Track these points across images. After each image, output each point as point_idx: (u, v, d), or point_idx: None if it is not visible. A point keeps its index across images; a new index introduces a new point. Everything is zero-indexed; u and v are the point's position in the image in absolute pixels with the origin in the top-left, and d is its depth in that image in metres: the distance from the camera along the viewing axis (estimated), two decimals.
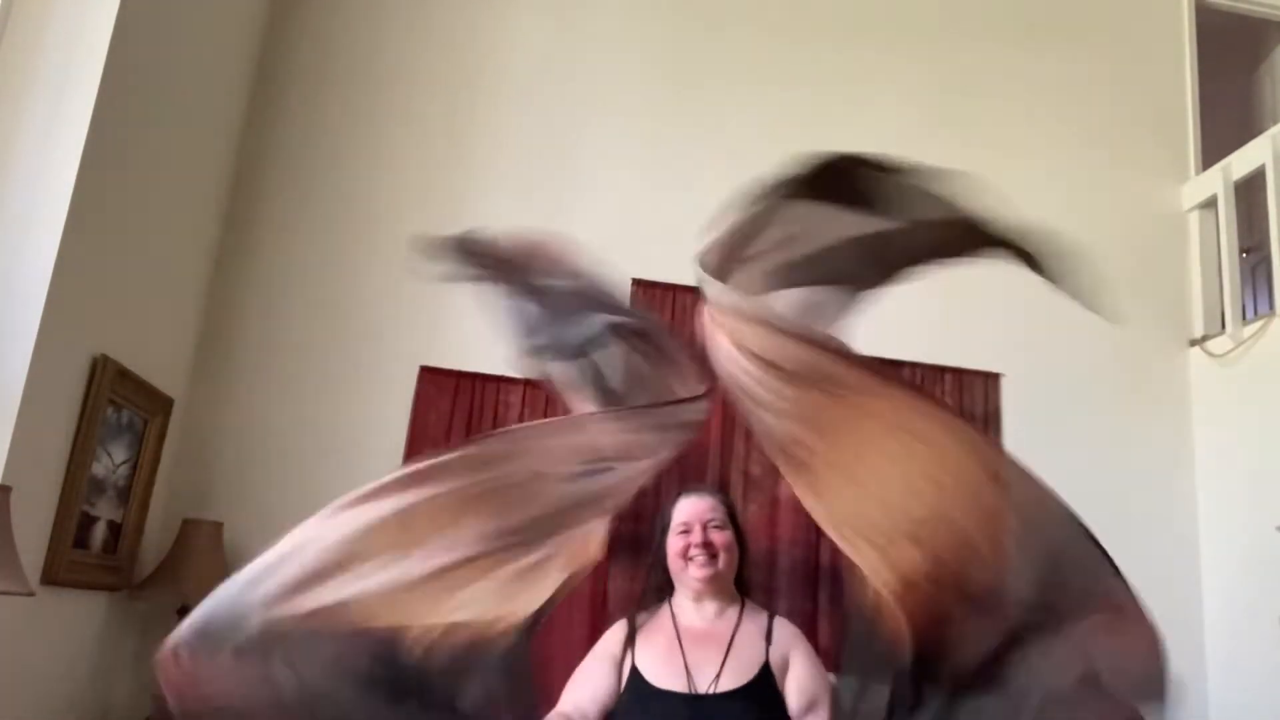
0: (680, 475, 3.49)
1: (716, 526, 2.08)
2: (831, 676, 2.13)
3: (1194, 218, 4.10)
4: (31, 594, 2.11)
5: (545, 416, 3.49)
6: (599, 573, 3.31)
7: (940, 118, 4.07)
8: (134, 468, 3.01)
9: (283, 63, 3.77)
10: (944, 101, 4.10)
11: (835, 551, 3.46)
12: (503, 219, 3.72)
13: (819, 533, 3.53)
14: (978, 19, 4.23)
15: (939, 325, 3.83)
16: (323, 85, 3.77)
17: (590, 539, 1.53)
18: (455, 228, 3.66)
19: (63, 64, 2.60)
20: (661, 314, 3.66)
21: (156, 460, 3.12)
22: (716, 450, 3.54)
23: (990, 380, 3.79)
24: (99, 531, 2.85)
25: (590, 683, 2.01)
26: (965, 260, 1.53)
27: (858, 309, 1.60)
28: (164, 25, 2.94)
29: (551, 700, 2.09)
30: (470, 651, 1.38)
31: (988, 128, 4.09)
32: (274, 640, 1.30)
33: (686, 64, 4.00)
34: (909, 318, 3.81)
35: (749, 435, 3.57)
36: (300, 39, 3.80)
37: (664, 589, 2.17)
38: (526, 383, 3.54)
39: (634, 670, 2.00)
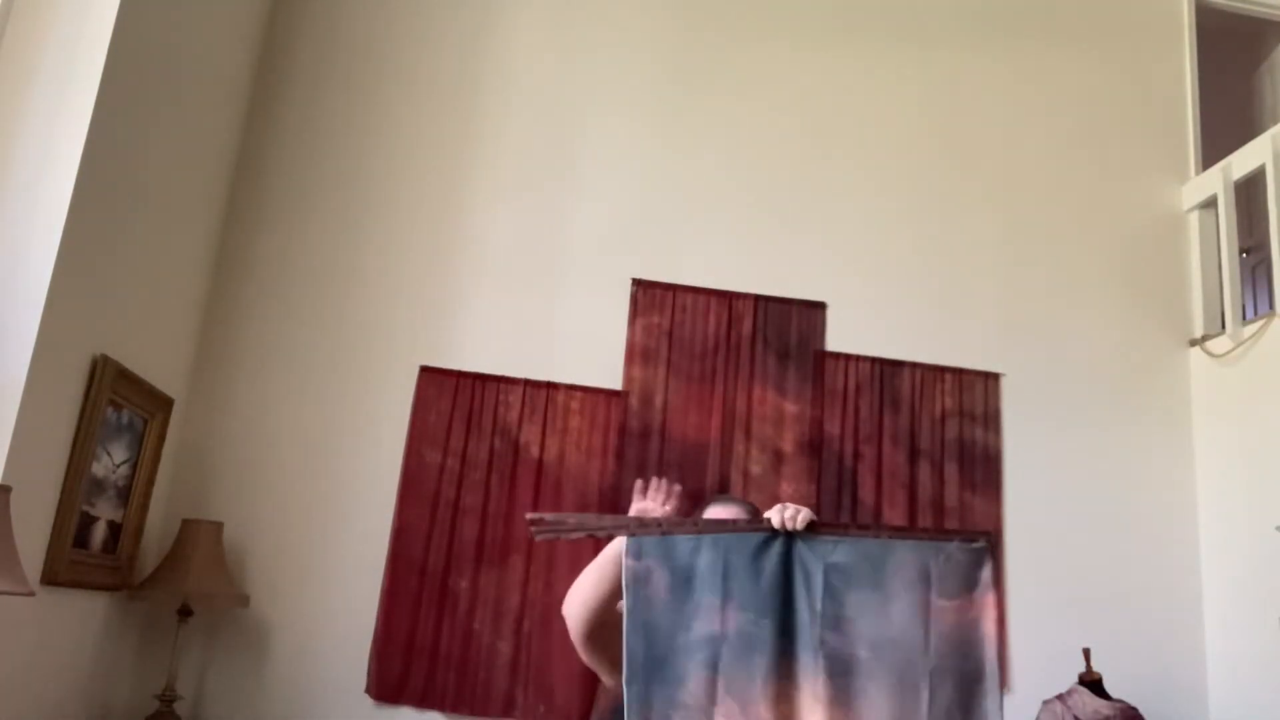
0: (680, 477, 3.50)
1: None
2: None
3: (1194, 218, 4.10)
4: (31, 594, 2.10)
5: (545, 417, 3.51)
6: None
7: (940, 119, 4.08)
8: (134, 468, 3.01)
9: (283, 63, 3.77)
10: (944, 102, 4.10)
11: None
12: (503, 219, 3.76)
13: None
14: (978, 20, 4.23)
15: (939, 325, 3.83)
16: (323, 85, 3.77)
17: None
18: (455, 227, 3.71)
19: (63, 63, 2.60)
20: (661, 314, 3.67)
21: (156, 460, 3.12)
22: (716, 450, 3.54)
23: (990, 380, 3.79)
24: (99, 531, 2.85)
25: None
26: None
27: None
28: (164, 25, 2.94)
29: None
30: None
31: (988, 128, 4.10)
32: None
33: (686, 65, 4.00)
34: (909, 318, 3.83)
35: (749, 435, 3.58)
36: (301, 39, 3.80)
37: None
38: (526, 382, 3.54)
39: None
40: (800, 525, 1.66)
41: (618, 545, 1.72)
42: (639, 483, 1.72)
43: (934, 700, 1.59)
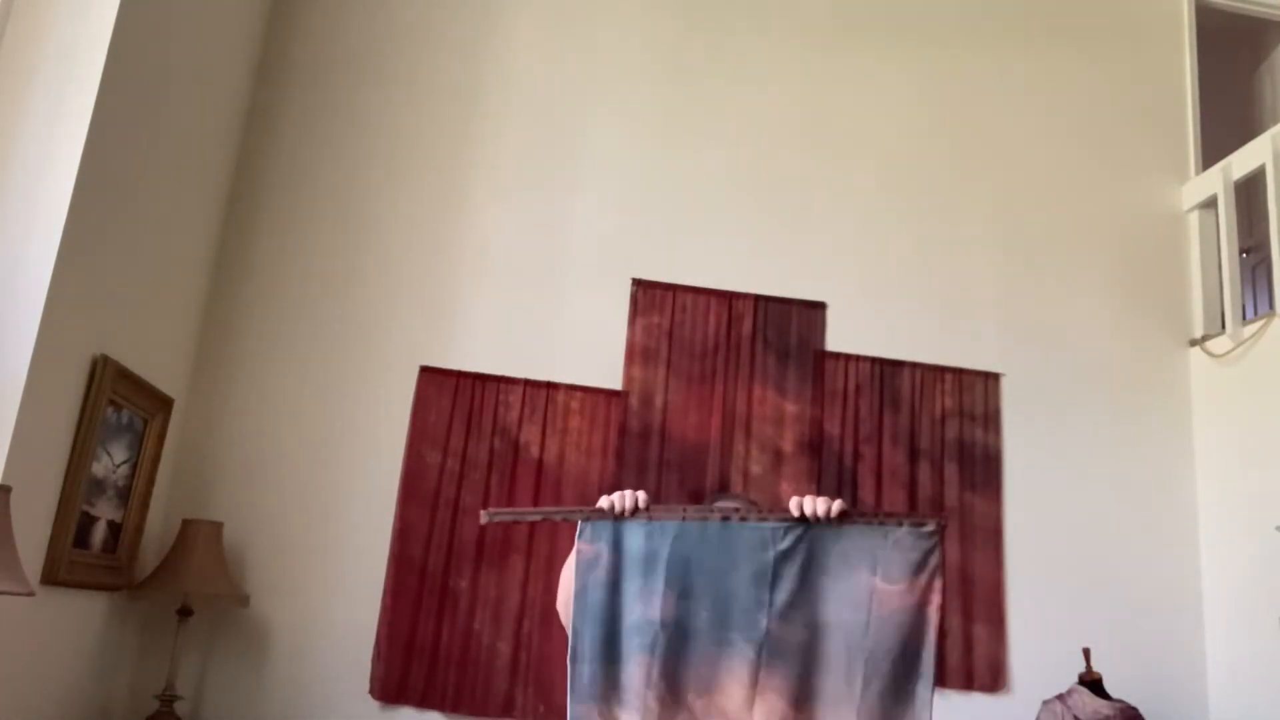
0: (680, 477, 3.50)
1: None
2: None
3: (1194, 218, 4.10)
4: (31, 594, 2.10)
5: (545, 417, 3.51)
6: None
7: (940, 118, 4.08)
8: (134, 468, 3.01)
9: (283, 63, 3.77)
10: (944, 102, 4.10)
11: None
12: (503, 219, 3.76)
13: None
14: (978, 20, 4.23)
15: (939, 325, 3.83)
16: (323, 86, 3.77)
17: None
18: (455, 227, 3.71)
19: (63, 64, 2.60)
20: (661, 314, 3.67)
21: (156, 460, 3.12)
22: (716, 450, 3.54)
23: (990, 380, 3.79)
24: (99, 531, 2.85)
25: None
26: None
27: None
28: (164, 25, 2.94)
29: None
30: None
31: (988, 128, 4.10)
32: None
33: (687, 65, 4.00)
34: (909, 318, 3.83)
35: (749, 435, 3.58)
36: (301, 39, 3.80)
37: None
38: (526, 382, 3.54)
39: None
40: (835, 513, 1.68)
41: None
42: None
43: (868, 683, 1.62)
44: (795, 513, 1.69)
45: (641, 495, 1.73)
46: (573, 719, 1.64)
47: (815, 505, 1.69)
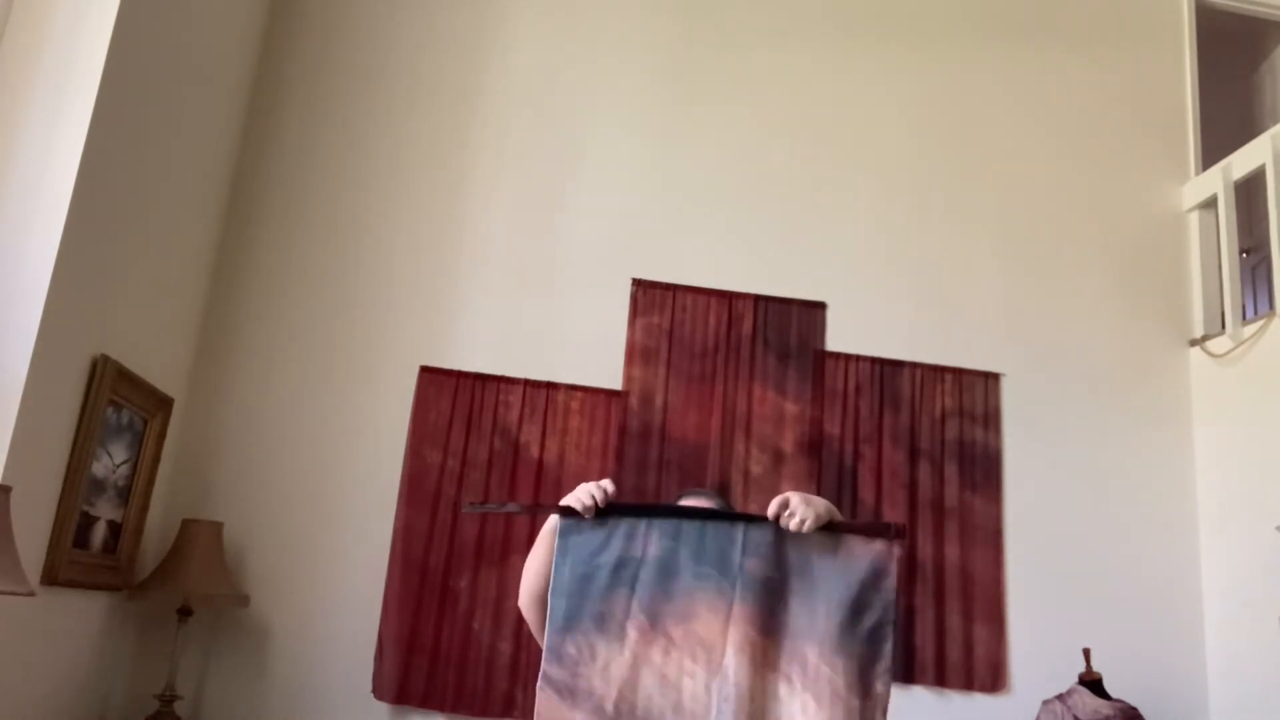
0: (680, 477, 3.50)
1: None
2: None
3: (1194, 218, 4.10)
4: (31, 594, 2.10)
5: (545, 417, 3.51)
6: None
7: (940, 119, 4.08)
8: (134, 468, 3.01)
9: (283, 63, 3.77)
10: (944, 102, 4.10)
11: None
12: (503, 218, 3.76)
13: None
14: (978, 20, 4.23)
15: (939, 325, 3.84)
16: (323, 86, 3.77)
17: None
18: (455, 227, 3.71)
19: (63, 64, 2.60)
20: (661, 314, 3.67)
21: (156, 460, 3.12)
22: (716, 450, 3.54)
23: (990, 380, 3.79)
24: (99, 531, 2.85)
25: None
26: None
27: None
28: (164, 25, 2.94)
29: None
30: None
31: (988, 128, 4.10)
32: None
33: (687, 65, 4.00)
34: (909, 318, 3.83)
35: (749, 435, 3.58)
36: (301, 40, 3.80)
37: None
38: (526, 382, 3.54)
39: None
40: (808, 528, 1.76)
41: (553, 520, 1.88)
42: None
43: (830, 618, 1.75)
44: (772, 512, 1.79)
45: (608, 483, 1.83)
46: (548, 648, 1.71)
47: (789, 522, 1.77)
